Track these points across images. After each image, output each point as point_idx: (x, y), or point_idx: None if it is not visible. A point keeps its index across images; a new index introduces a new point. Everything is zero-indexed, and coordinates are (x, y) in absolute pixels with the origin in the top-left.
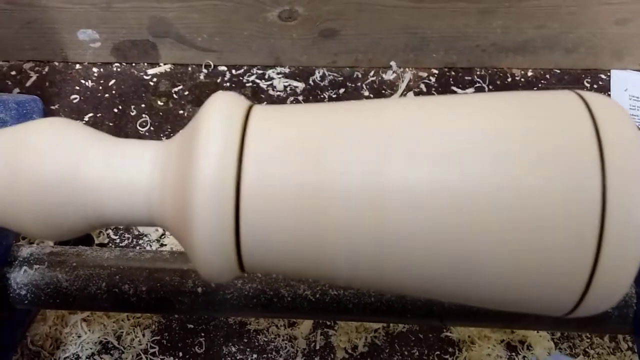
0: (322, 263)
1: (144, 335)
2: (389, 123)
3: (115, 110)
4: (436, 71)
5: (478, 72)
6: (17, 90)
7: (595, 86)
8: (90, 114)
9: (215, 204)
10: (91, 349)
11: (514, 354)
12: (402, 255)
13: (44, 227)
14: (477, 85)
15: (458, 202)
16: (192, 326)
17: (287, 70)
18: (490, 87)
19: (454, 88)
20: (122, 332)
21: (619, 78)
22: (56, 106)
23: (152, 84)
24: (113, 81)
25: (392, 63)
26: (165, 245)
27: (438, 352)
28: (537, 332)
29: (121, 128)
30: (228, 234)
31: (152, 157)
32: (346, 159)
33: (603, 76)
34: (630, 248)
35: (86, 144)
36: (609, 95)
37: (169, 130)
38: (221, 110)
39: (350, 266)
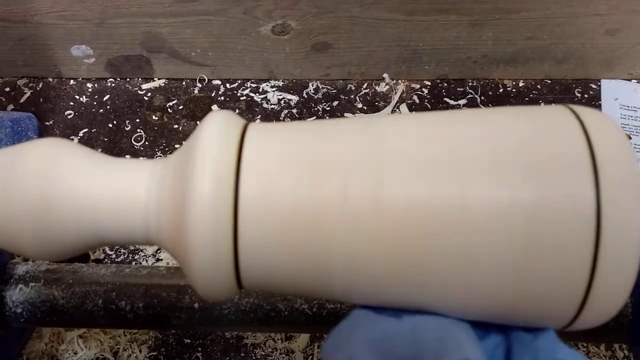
0: (320, 279)
1: (140, 351)
2: (384, 139)
3: (110, 125)
4: (428, 83)
5: (470, 84)
6: (11, 106)
7: (586, 96)
8: (85, 130)
9: (212, 224)
10: None
11: None
12: (399, 270)
13: (40, 247)
14: (470, 96)
15: (456, 216)
16: (189, 341)
17: (280, 83)
18: (482, 97)
19: (447, 99)
20: (119, 348)
21: (609, 88)
22: (50, 122)
23: (146, 98)
24: (107, 96)
25: (385, 75)
26: (161, 260)
27: None
28: None
29: (116, 143)
30: (226, 253)
31: (149, 175)
32: (342, 175)
33: (593, 86)
34: (627, 259)
35: (82, 163)
36: (600, 104)
37: (164, 144)
38: (218, 130)
39: (348, 282)
